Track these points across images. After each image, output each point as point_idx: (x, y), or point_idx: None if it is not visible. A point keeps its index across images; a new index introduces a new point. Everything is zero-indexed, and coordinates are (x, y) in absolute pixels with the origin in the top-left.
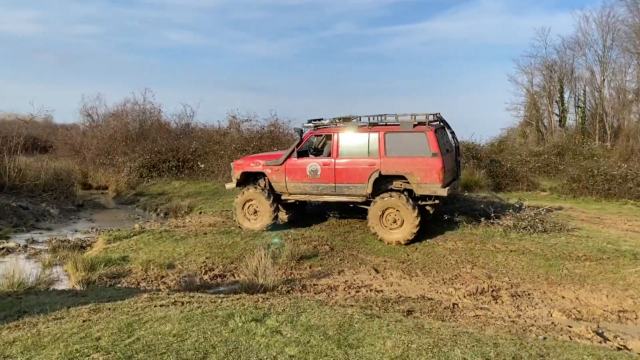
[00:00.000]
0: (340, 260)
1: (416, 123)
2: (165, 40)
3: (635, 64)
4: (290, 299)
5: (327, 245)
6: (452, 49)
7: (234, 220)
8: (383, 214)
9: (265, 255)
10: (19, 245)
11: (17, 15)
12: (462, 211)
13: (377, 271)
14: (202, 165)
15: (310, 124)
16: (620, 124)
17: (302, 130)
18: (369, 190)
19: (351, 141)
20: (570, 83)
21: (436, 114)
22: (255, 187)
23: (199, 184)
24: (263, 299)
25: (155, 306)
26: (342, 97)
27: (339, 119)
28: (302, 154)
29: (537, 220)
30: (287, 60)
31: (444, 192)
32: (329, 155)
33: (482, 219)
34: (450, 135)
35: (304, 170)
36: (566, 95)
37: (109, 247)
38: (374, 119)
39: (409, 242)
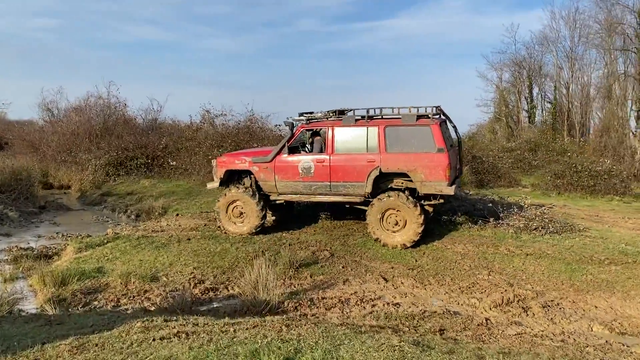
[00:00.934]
0: (342, 267)
1: (419, 116)
2: (127, 34)
3: (603, 60)
4: (317, 326)
5: (327, 250)
6: (415, 46)
7: (219, 226)
8: (383, 216)
9: (265, 264)
10: None
11: None
12: (463, 211)
13: (385, 280)
14: (174, 163)
15: (302, 118)
16: (584, 120)
17: (293, 124)
18: (369, 189)
19: (348, 136)
20: (538, 79)
21: (437, 107)
22: (238, 187)
23: (171, 182)
24: (286, 325)
25: (154, 340)
26: (308, 93)
27: (332, 112)
28: (292, 150)
29: (546, 220)
30: (252, 56)
31: (450, 191)
32: (321, 151)
33: (491, 220)
34: (452, 130)
35: (295, 167)
36: (535, 91)
37: (80, 256)
38: (368, 112)
39: (415, 245)
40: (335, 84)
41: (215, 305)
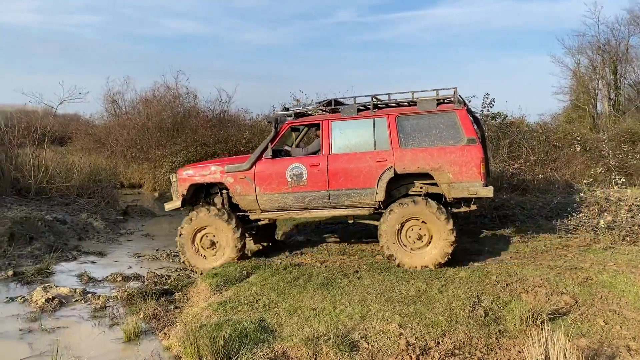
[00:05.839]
0: (604, 323)
1: (440, 100)
2: (165, 29)
3: None
4: None
5: (565, 293)
6: (455, 35)
7: (183, 262)
8: (402, 228)
9: (557, 338)
10: (74, 291)
11: (16, 5)
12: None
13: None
14: None
15: (289, 112)
16: None
17: (277, 119)
18: (380, 196)
19: (349, 131)
20: (624, 63)
21: (454, 89)
22: (208, 209)
23: None
24: None
25: None
26: (344, 86)
27: (325, 103)
28: (276, 153)
29: None
30: (287, 48)
31: (489, 193)
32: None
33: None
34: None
35: (282, 174)
36: (619, 77)
37: (223, 300)
38: (372, 100)
39: (441, 266)
40: (371, 75)
41: None
